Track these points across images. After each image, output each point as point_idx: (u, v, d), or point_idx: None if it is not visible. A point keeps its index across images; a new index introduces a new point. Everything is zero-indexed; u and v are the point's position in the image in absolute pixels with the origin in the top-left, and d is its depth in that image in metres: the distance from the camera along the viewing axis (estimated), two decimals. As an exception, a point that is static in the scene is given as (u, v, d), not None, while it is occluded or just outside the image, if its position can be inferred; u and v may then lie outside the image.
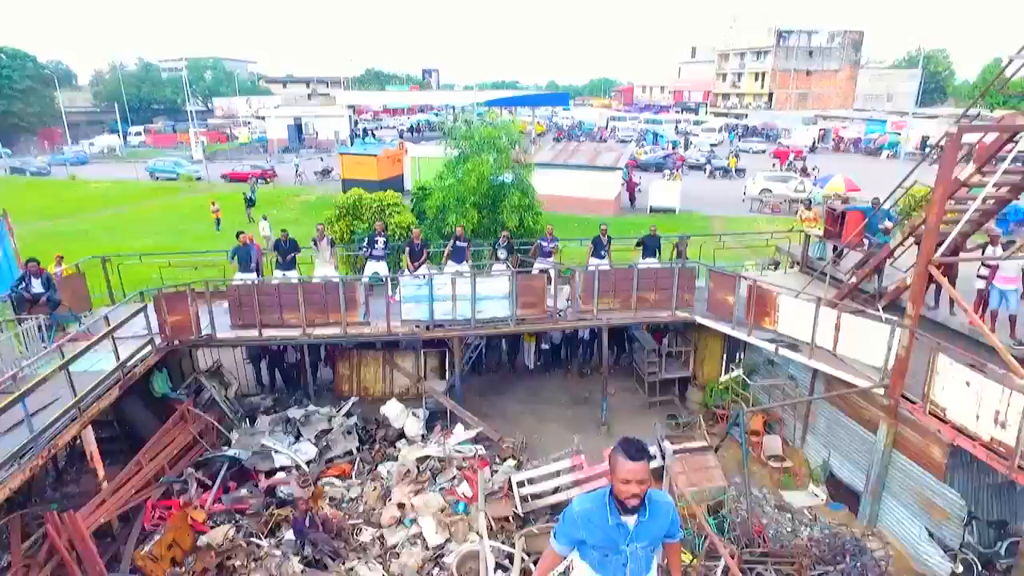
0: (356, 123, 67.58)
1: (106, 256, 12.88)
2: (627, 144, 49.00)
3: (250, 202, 30.90)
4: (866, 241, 12.32)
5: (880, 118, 64.00)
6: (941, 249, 8.33)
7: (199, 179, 43.33)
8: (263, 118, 79.21)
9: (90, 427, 8.67)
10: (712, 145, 57.22)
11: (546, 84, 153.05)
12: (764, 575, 7.64)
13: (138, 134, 70.90)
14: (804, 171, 39.85)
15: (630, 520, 2.96)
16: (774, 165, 44.59)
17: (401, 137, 57.37)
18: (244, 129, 74.26)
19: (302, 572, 8.06)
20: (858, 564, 7.87)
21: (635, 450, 2.87)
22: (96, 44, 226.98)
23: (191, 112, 60.80)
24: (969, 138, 8.70)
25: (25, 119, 65.86)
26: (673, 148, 53.79)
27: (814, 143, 59.33)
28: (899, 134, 54.96)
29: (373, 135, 59.31)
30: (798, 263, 14.84)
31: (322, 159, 45.75)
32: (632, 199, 32.59)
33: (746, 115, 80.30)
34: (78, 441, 8.99)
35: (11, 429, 7.72)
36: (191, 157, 51.06)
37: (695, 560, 7.60)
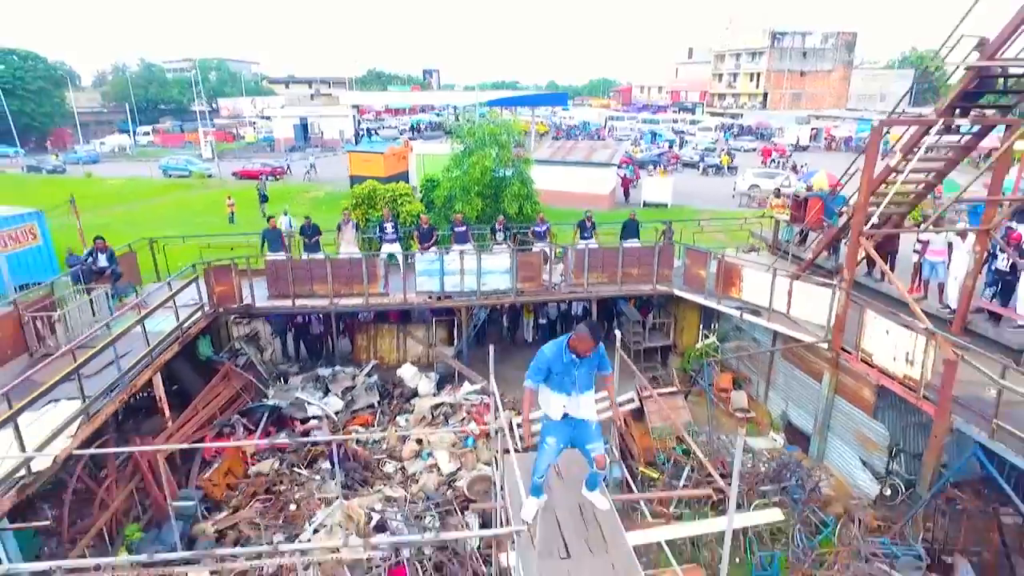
0: (359, 123, 69.28)
1: (153, 239, 14.51)
2: (622, 142, 50.64)
3: (263, 198, 32.55)
4: (825, 224, 13.98)
5: (870, 117, 65.67)
6: (870, 223, 9.97)
7: (210, 176, 44.96)
8: (268, 118, 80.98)
9: (158, 374, 10.31)
10: (709, 145, 58.81)
11: (546, 84, 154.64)
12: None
13: (146, 134, 72.49)
14: (795, 168, 41.49)
15: (576, 359, 4.66)
16: (763, 162, 46.28)
17: (400, 135, 58.98)
18: (249, 129, 75.89)
19: (338, 494, 9.70)
20: (797, 480, 9.51)
21: (585, 327, 4.56)
22: (95, 45, 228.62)
23: (199, 112, 62.51)
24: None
25: (37, 119, 67.49)
26: (669, 147, 55.50)
27: (798, 141, 60.71)
28: (888, 132, 56.65)
29: (376, 133, 60.89)
30: (770, 246, 16.49)
31: (312, 161, 46.81)
32: (626, 194, 34.22)
33: (741, 115, 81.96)
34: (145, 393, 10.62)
35: (99, 371, 9.35)
36: (200, 156, 52.77)
37: (661, 476, 9.25)
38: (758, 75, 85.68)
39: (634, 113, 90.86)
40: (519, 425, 9.27)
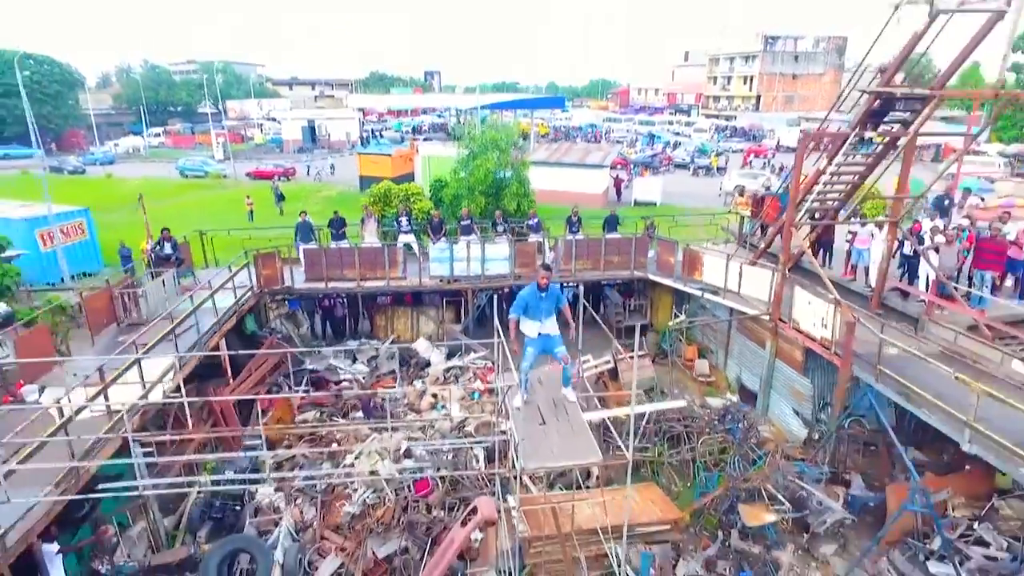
0: (363, 125, 71.65)
1: (203, 231, 16.89)
2: (617, 144, 52.97)
3: (279, 196, 34.90)
4: (779, 218, 16.31)
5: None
6: (799, 216, 12.33)
7: (226, 177, 47.32)
8: (274, 120, 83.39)
9: (223, 339, 12.68)
10: (702, 147, 61.01)
11: (546, 85, 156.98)
12: (675, 427, 11.68)
13: (157, 135, 74.88)
14: (782, 168, 43.78)
15: (542, 295, 7.05)
16: (742, 164, 48.56)
17: (403, 140, 61.28)
18: (257, 130, 78.27)
19: (369, 434, 12.06)
20: (739, 424, 11.88)
21: (542, 267, 6.95)
22: (94, 46, 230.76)
23: (210, 114, 64.87)
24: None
25: (53, 121, 69.87)
26: (664, 148, 57.83)
27: (779, 142, 62.57)
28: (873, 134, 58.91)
29: (381, 135, 63.25)
30: (736, 238, 18.84)
31: (332, 162, 49.27)
32: (618, 193, 36.57)
33: (735, 117, 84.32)
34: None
35: (180, 335, 11.71)
36: (213, 157, 55.16)
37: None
38: (751, 78, 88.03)
39: (631, 115, 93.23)
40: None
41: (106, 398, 8.62)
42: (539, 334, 7.26)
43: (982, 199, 24.42)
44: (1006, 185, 29.70)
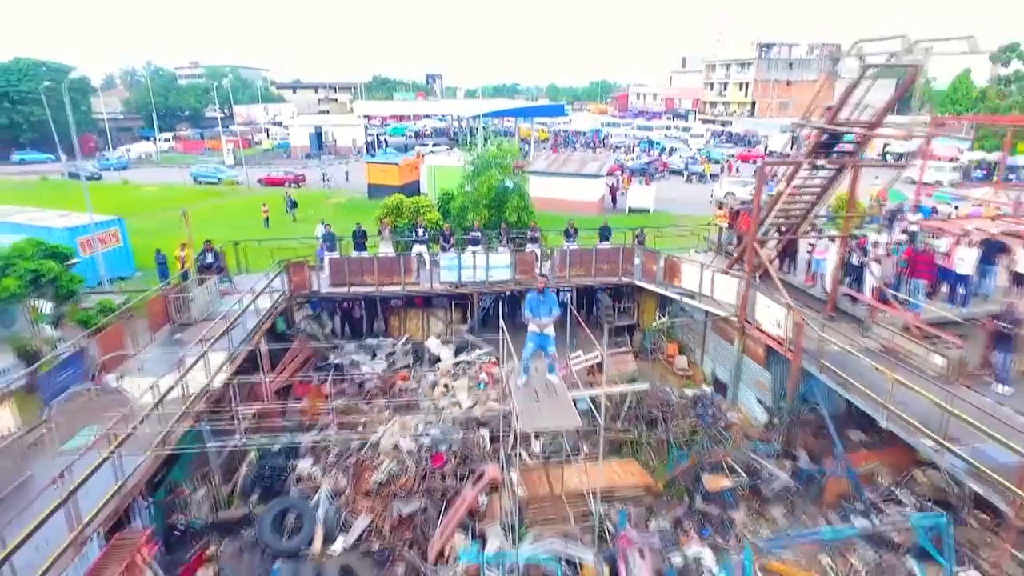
0: (367, 130, 73.68)
1: (236, 241, 18.89)
2: (614, 152, 54.93)
3: (292, 204, 36.86)
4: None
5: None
6: (760, 230, 14.29)
7: (238, 183, 49.28)
8: (280, 124, 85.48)
9: (263, 338, 14.66)
10: (699, 151, 62.81)
11: (547, 87, 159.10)
12: (653, 412, 13.66)
13: (167, 140, 76.90)
14: (774, 176, 45.69)
15: (541, 298, 9.06)
16: (727, 172, 50.32)
17: (406, 147, 63.28)
18: (263, 135, 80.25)
19: (390, 417, 14.02)
20: (708, 410, 13.85)
21: (540, 274, 9.00)
22: (94, 48, 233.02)
23: (220, 119, 66.89)
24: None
25: (66, 127, 71.96)
26: (660, 154, 59.79)
27: (766, 147, 64.21)
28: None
29: (386, 144, 65.20)
30: (715, 246, 20.82)
31: (347, 169, 51.33)
32: (613, 200, 38.56)
33: (731, 122, 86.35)
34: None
35: (226, 332, 13.65)
36: (223, 162, 57.18)
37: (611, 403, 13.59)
38: (746, 84, 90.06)
39: (630, 119, 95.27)
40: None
41: (184, 384, 10.60)
42: (539, 332, 9.19)
43: (956, 207, 26.40)
44: (978, 191, 31.58)
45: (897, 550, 10.24)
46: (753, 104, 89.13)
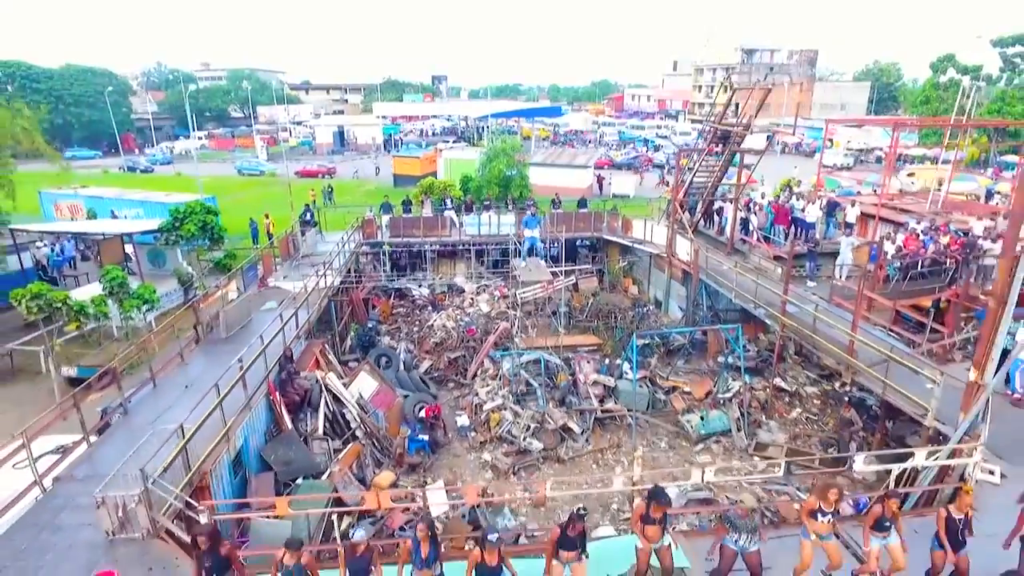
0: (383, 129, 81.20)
1: (319, 208, 26.45)
2: (609, 148, 62.44)
3: (329, 189, 44.28)
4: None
5: (819, 126, 77.38)
6: (680, 195, 21.76)
7: (277, 175, 56.76)
8: (300, 123, 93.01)
9: (353, 262, 22.19)
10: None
11: (548, 86, 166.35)
12: (610, 309, 21.17)
13: (200, 139, 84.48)
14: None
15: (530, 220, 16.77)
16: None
17: (420, 144, 70.74)
18: (286, 133, 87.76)
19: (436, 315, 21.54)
20: (642, 311, 21.32)
21: (531, 205, 16.61)
22: (98, 51, 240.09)
23: (252, 117, 74.37)
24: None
25: (109, 126, 79.67)
26: (646, 150, 67.21)
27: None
28: (831, 140, 68.56)
29: (403, 141, 72.71)
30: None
31: (377, 164, 58.96)
32: (600, 188, 45.99)
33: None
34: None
35: (325, 262, 21.11)
36: (257, 157, 64.74)
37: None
38: (731, 87, 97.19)
39: (624, 119, 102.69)
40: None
41: (317, 285, 18.18)
42: (530, 236, 16.63)
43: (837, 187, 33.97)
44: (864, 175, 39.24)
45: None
46: (737, 105, 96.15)
